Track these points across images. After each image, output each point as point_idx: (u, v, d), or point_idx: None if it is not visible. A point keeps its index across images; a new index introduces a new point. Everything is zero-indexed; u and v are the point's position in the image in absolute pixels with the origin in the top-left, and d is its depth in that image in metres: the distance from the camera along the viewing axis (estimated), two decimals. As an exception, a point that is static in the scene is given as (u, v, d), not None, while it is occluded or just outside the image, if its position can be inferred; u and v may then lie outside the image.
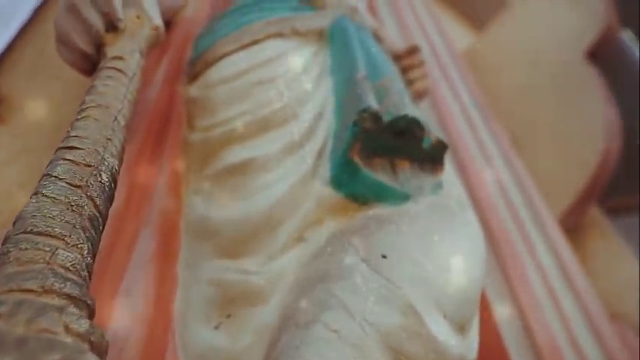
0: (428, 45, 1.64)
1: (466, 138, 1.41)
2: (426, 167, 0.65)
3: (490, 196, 1.28)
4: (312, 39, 0.80)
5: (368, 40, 0.82)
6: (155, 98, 0.74)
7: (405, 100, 0.64)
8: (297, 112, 0.66)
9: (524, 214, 1.34)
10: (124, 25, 0.57)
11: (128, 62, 0.54)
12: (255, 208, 0.56)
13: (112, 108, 0.47)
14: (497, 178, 1.35)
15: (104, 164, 0.42)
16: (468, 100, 1.57)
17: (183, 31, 0.89)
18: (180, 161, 0.66)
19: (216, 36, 0.80)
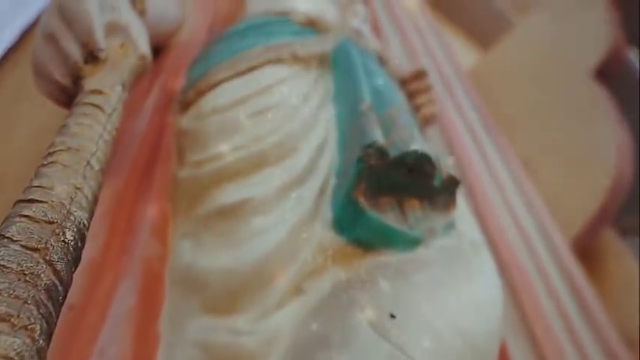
0: (434, 65, 1.59)
1: (475, 161, 1.35)
2: (437, 205, 0.59)
3: (500, 222, 1.22)
4: (313, 65, 0.75)
5: (373, 66, 0.76)
6: (143, 130, 0.69)
7: (414, 132, 0.58)
8: (297, 146, 0.60)
9: (536, 239, 1.28)
10: (106, 56, 0.52)
11: (108, 97, 0.48)
12: (248, 256, 0.50)
13: (84, 151, 0.41)
14: (507, 203, 1.29)
15: (70, 219, 0.36)
16: (476, 122, 1.51)
17: (176, 56, 0.84)
18: (167, 200, 0.60)
19: (211, 62, 0.75)
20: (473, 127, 1.49)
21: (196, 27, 0.91)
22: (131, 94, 0.72)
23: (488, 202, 1.21)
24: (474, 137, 1.48)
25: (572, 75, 1.67)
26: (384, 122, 0.61)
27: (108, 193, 0.59)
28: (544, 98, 1.75)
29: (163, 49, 0.86)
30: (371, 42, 0.87)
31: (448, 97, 1.52)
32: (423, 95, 0.90)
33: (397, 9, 1.71)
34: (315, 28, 0.82)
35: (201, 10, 0.94)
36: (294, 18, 0.82)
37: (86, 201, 0.39)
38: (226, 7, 0.99)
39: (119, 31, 0.57)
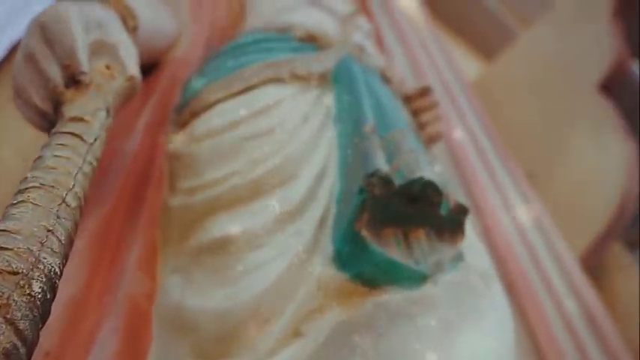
0: (437, 76, 1.56)
1: (480, 176, 1.30)
2: (445, 236, 0.55)
3: (507, 238, 1.17)
4: (313, 83, 0.71)
5: (376, 84, 0.73)
6: (133, 152, 0.65)
7: (419, 157, 0.54)
8: (296, 172, 0.56)
9: (544, 255, 1.23)
10: (89, 79, 0.48)
11: (89, 125, 0.44)
12: (241, 296, 0.46)
13: (59, 187, 0.37)
14: (514, 217, 1.24)
15: (39, 267, 0.32)
16: (480, 135, 1.47)
17: (171, 73, 0.80)
18: (157, 230, 0.56)
19: (207, 80, 0.71)
20: (477, 139, 1.45)
21: (193, 41, 0.87)
22: (122, 112, 0.69)
23: (496, 219, 1.17)
24: (478, 149, 1.44)
25: (577, 88, 1.63)
26: (387, 146, 0.57)
27: (91, 224, 0.55)
28: (549, 111, 1.71)
29: (158, 64, 0.82)
30: (374, 58, 0.84)
31: (453, 110, 1.48)
32: (428, 113, 0.86)
33: (400, 20, 1.67)
34: (316, 43, 0.78)
35: (199, 23, 0.90)
36: (295, 33, 0.79)
37: (59, 244, 0.35)
38: (225, 20, 0.96)
39: (106, 50, 0.53)
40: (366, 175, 0.49)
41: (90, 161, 0.42)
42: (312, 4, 0.95)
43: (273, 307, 0.46)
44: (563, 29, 1.74)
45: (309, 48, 0.77)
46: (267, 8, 0.95)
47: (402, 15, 1.73)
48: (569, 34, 1.72)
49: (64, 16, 0.48)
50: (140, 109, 0.74)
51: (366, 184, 0.49)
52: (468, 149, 1.40)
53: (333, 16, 0.92)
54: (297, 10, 0.90)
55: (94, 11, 0.54)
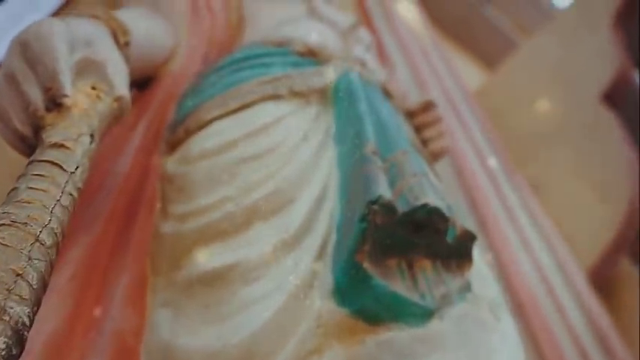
0: (440, 88, 1.52)
1: (485, 189, 1.27)
2: (451, 265, 0.51)
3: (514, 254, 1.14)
4: (313, 100, 0.68)
5: (377, 100, 0.69)
6: (124, 173, 0.62)
7: (423, 181, 0.51)
8: (293, 196, 0.53)
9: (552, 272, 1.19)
10: (72, 101, 0.44)
11: (70, 152, 0.41)
12: (234, 335, 0.42)
13: (33, 223, 0.34)
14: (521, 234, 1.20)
15: (3, 319, 0.29)
16: (484, 147, 1.44)
17: (167, 87, 0.77)
18: (147, 258, 0.52)
19: (202, 96, 0.68)
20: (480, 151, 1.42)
21: (190, 55, 0.84)
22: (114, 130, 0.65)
23: (501, 234, 1.13)
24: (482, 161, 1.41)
25: (580, 98, 1.59)
26: (390, 168, 0.54)
27: (77, 252, 0.52)
28: (552, 122, 1.67)
29: (153, 79, 0.79)
30: (375, 72, 0.80)
31: (457, 122, 1.44)
32: (431, 128, 0.83)
33: (401, 30, 1.64)
34: (315, 58, 0.75)
35: (196, 36, 0.87)
36: (293, 47, 0.76)
37: (29, 290, 0.31)
38: (223, 33, 0.93)
39: (94, 68, 0.50)
40: (367, 203, 0.46)
41: (70, 192, 0.39)
42: (312, 16, 0.92)
43: (268, 347, 0.42)
44: (566, 40, 1.71)
45: (309, 63, 0.74)
46: (266, 21, 0.92)
47: (403, 25, 1.70)
48: (572, 44, 1.69)
49: (46, 34, 0.44)
50: (133, 126, 0.70)
51: (367, 212, 0.45)
52: (472, 161, 1.37)
53: (334, 29, 0.89)
54: (297, 23, 0.87)
55: (82, 27, 0.51)
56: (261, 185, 0.53)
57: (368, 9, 1.62)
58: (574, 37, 1.70)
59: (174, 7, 0.89)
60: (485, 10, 2.53)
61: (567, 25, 1.78)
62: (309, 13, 0.93)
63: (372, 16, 1.57)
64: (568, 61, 1.68)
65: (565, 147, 1.61)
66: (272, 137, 0.58)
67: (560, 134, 1.60)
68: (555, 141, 1.62)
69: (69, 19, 0.50)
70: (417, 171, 0.53)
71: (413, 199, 0.48)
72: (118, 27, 0.60)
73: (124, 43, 0.61)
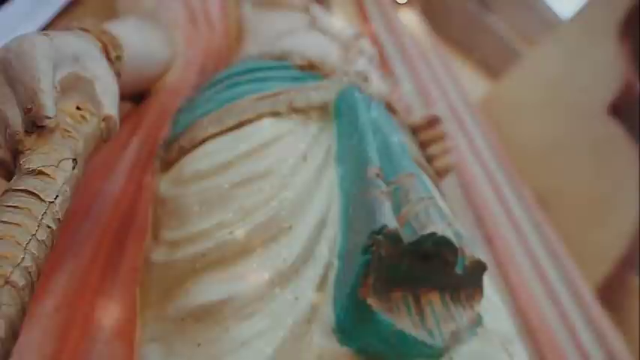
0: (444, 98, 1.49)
1: (491, 204, 1.23)
2: (461, 297, 0.47)
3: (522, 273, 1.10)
4: (313, 117, 0.64)
5: (381, 117, 0.66)
6: (115, 194, 0.58)
7: (430, 208, 0.47)
8: (292, 222, 0.49)
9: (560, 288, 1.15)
10: (55, 123, 0.41)
11: (50, 179, 0.38)
12: (226, 379, 0.39)
13: (4, 263, 0.31)
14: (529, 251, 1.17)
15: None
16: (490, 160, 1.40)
17: (161, 102, 0.74)
18: (138, 289, 0.49)
19: (198, 112, 0.64)
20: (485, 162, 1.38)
21: (186, 68, 0.81)
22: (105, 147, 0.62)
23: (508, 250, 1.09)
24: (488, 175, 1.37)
25: (586, 110, 1.56)
26: (394, 191, 0.50)
27: (63, 281, 0.48)
28: (558, 133, 1.64)
29: (148, 93, 0.76)
30: (378, 86, 0.77)
31: (461, 134, 1.41)
32: (436, 145, 0.79)
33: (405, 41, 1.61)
34: (316, 72, 0.72)
35: (194, 48, 0.84)
36: (293, 61, 0.72)
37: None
38: (221, 44, 0.89)
39: (81, 86, 0.46)
40: (371, 233, 0.42)
41: (48, 225, 0.35)
42: (313, 27, 0.89)
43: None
44: (569, 49, 1.68)
45: (309, 77, 0.71)
46: (265, 32, 0.89)
47: (406, 34, 1.67)
48: (577, 56, 1.66)
49: (28, 51, 0.41)
50: (126, 142, 0.67)
51: (371, 244, 0.42)
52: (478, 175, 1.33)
53: (335, 41, 0.86)
54: (297, 35, 0.84)
55: (69, 42, 0.48)
56: (258, 211, 0.49)
57: (370, 18, 1.59)
58: (578, 47, 1.67)
59: (172, 17, 0.86)
60: (487, 19, 2.50)
61: (571, 36, 1.75)
62: (310, 25, 0.90)
63: (374, 25, 1.54)
64: (573, 71, 1.65)
65: (572, 160, 1.57)
66: (270, 158, 0.54)
67: (566, 146, 1.56)
68: (562, 153, 1.59)
69: (55, 33, 0.46)
70: (423, 195, 0.49)
71: (419, 227, 0.45)
72: (109, 41, 0.56)
73: (116, 57, 0.58)
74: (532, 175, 1.58)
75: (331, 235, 0.50)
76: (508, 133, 1.70)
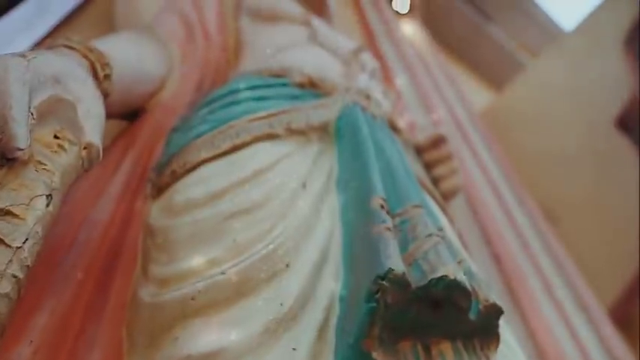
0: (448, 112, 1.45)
1: (499, 222, 1.18)
2: (475, 346, 0.43)
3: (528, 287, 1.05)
4: (313, 137, 0.60)
5: (384, 139, 0.62)
6: (104, 223, 0.54)
7: (439, 246, 0.43)
8: (290, 260, 0.45)
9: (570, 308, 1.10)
10: (28, 154, 0.36)
11: (19, 220, 0.33)
12: None
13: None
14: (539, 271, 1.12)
15: None
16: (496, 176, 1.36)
17: (155, 121, 0.70)
18: (124, 330, 0.44)
19: (190, 135, 0.60)
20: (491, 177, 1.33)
21: (183, 83, 0.76)
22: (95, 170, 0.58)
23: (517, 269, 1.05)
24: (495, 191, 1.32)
25: (593, 123, 1.52)
26: (401, 224, 0.46)
27: (42, 321, 0.44)
28: (564, 146, 1.59)
29: (142, 110, 0.71)
30: (380, 104, 0.72)
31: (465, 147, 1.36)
32: (443, 165, 0.75)
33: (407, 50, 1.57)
34: (316, 89, 0.68)
35: (190, 62, 0.80)
36: (292, 78, 0.68)
37: None
38: (219, 59, 0.85)
39: (61, 110, 0.42)
40: (376, 277, 0.38)
41: (13, 274, 0.31)
42: (313, 41, 0.85)
43: None
44: (576, 62, 1.64)
45: (309, 95, 0.67)
46: (264, 45, 0.85)
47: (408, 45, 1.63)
48: (582, 68, 1.62)
49: (0, 75, 0.37)
50: (118, 164, 0.63)
51: (376, 290, 0.37)
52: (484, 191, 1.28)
53: (336, 56, 0.82)
54: (296, 50, 0.80)
55: (50, 62, 0.44)
56: (253, 246, 0.45)
57: (372, 29, 1.55)
58: (583, 59, 1.63)
59: (169, 30, 0.82)
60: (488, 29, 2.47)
61: (575, 47, 1.71)
62: (310, 39, 0.86)
63: (376, 37, 1.50)
64: (578, 83, 1.61)
65: (580, 175, 1.52)
66: (266, 186, 0.50)
67: (573, 161, 1.52)
68: (569, 169, 1.54)
69: (35, 53, 0.42)
70: (432, 230, 0.45)
71: (429, 269, 0.40)
72: (97, 59, 0.52)
73: (104, 76, 0.54)
74: (537, 187, 1.54)
75: (332, 273, 0.46)
76: (512, 145, 1.66)
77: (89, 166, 0.43)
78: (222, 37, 0.87)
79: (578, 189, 1.53)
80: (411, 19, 2.10)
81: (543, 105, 1.69)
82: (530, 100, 1.74)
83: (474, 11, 2.46)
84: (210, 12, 0.90)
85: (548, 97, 1.69)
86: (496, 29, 2.51)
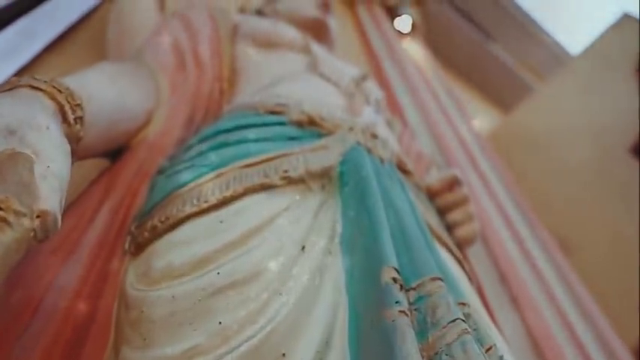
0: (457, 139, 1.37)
1: (514, 258, 1.09)
2: None
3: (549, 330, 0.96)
4: (314, 186, 0.52)
5: (394, 188, 0.54)
6: (72, 287, 0.46)
7: (466, 339, 0.35)
8: (287, 349, 0.37)
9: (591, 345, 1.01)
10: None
11: None
12: None
13: None
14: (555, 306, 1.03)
15: None
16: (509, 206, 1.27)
17: (139, 160, 0.62)
18: None
19: (175, 182, 0.52)
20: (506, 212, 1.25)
21: (171, 117, 0.68)
22: (67, 222, 0.50)
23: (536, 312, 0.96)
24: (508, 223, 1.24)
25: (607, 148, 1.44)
26: (418, 304, 0.38)
27: None
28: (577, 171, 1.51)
29: (124, 149, 0.64)
30: (387, 142, 0.64)
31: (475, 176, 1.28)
32: (458, 210, 0.67)
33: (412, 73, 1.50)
34: (316, 128, 0.60)
35: (179, 93, 0.71)
36: (290, 116, 0.60)
37: None
38: (211, 90, 0.77)
39: (12, 170, 0.34)
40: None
41: None
42: (313, 70, 0.77)
43: None
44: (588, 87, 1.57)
45: (309, 135, 0.59)
46: (261, 75, 0.78)
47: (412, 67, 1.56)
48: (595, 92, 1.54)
49: None
50: (92, 215, 0.55)
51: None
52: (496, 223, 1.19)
53: (338, 87, 0.74)
54: (295, 81, 0.72)
55: (7, 109, 0.36)
56: (241, 331, 0.37)
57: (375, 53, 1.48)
58: (596, 84, 1.55)
59: (159, 59, 0.75)
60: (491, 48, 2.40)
61: (585, 70, 1.64)
62: (310, 67, 0.79)
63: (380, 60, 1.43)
64: (589, 107, 1.53)
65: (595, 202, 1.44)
66: (258, 253, 0.42)
67: (588, 188, 1.43)
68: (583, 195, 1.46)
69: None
70: (456, 313, 0.37)
71: None
72: (67, 99, 0.45)
73: (75, 119, 0.47)
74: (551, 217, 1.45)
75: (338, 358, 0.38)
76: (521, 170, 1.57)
77: (44, 237, 0.35)
78: (216, 65, 0.79)
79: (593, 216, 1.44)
80: (414, 38, 2.04)
81: (554, 129, 1.62)
82: (540, 123, 1.66)
83: (475, 30, 2.40)
84: (205, 37, 0.82)
85: (559, 121, 1.62)
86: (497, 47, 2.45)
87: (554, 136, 1.55)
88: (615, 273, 1.26)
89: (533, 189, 1.43)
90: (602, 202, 1.35)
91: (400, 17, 1.89)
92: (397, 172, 0.60)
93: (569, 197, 1.43)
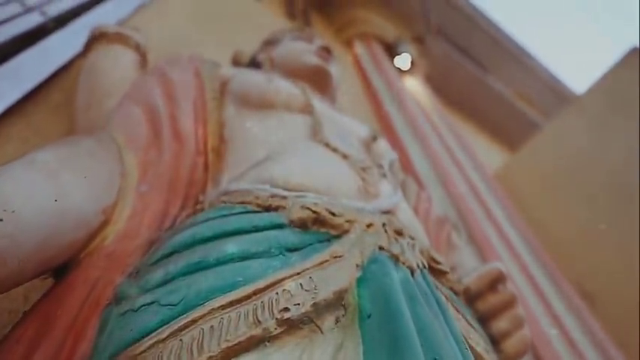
0: (467, 184, 1.21)
1: (534, 309, 0.93)
2: None
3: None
4: (324, 323, 0.35)
5: (430, 313, 0.37)
6: None
7: None
8: None
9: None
10: None
11: None
12: None
13: None
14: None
15: None
16: (527, 258, 1.11)
17: (93, 277, 0.44)
18: None
19: (133, 327, 0.35)
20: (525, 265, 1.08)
21: (138, 213, 0.51)
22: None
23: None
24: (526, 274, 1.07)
25: (621, 191, 1.28)
26: None
27: None
28: (590, 213, 1.35)
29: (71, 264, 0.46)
30: (415, 238, 0.48)
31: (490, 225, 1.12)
32: (504, 317, 0.50)
33: (414, 112, 1.35)
34: (322, 229, 0.43)
35: (152, 179, 0.54)
36: (290, 215, 0.44)
37: None
38: (194, 164, 0.60)
39: None
40: None
41: None
42: (316, 137, 0.61)
43: None
44: (596, 124, 1.42)
45: (313, 240, 0.42)
46: (254, 146, 0.61)
47: (415, 107, 1.42)
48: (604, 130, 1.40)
49: None
50: None
51: None
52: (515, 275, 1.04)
53: (347, 159, 0.57)
54: (295, 155, 0.56)
55: None
56: None
57: (377, 95, 1.34)
58: (605, 122, 1.41)
59: (128, 131, 0.59)
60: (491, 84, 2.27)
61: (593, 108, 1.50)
62: (313, 133, 0.63)
63: (382, 103, 1.29)
64: (602, 148, 1.38)
65: (610, 246, 1.28)
66: None
67: (603, 234, 1.27)
68: (598, 238, 1.29)
69: None
70: None
71: None
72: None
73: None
74: (567, 262, 1.29)
75: None
76: (532, 212, 1.41)
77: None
78: (200, 135, 0.63)
79: (608, 261, 1.28)
80: (413, 75, 1.90)
81: (564, 168, 1.46)
82: (549, 163, 1.51)
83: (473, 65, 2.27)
84: (187, 101, 0.66)
85: (567, 162, 1.47)
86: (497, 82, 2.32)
87: (563, 176, 1.40)
88: (635, 317, 1.10)
89: (545, 233, 1.27)
90: (617, 244, 1.20)
91: (400, 55, 1.75)
92: (431, 283, 0.43)
93: (584, 241, 1.28)
